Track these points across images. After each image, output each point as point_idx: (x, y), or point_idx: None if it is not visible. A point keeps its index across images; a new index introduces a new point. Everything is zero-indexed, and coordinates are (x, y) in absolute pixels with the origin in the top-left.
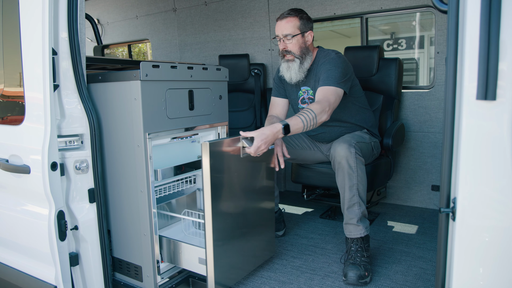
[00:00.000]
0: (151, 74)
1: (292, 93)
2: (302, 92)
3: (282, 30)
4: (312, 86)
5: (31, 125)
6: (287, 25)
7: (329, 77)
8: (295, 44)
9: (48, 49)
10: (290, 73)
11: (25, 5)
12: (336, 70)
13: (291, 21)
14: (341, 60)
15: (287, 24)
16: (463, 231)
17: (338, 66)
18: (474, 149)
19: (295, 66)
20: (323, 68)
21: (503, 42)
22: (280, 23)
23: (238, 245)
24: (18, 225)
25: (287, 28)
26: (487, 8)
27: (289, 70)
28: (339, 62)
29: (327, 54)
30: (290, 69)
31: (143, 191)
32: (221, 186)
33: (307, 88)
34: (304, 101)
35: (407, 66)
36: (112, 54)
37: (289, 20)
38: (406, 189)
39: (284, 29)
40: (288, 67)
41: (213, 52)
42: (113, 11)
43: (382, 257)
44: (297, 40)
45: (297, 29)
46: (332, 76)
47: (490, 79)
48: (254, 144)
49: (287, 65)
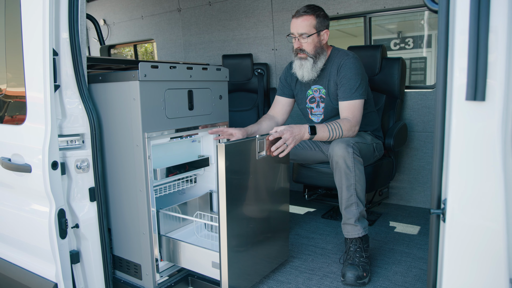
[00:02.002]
0: (150, 74)
1: (300, 92)
2: (313, 91)
3: (298, 29)
4: (326, 85)
5: (32, 125)
6: (303, 24)
7: (352, 88)
8: (310, 43)
9: (49, 50)
10: (302, 71)
11: (27, 6)
12: (357, 79)
13: (307, 20)
14: (359, 65)
15: (303, 23)
16: (452, 232)
17: (358, 73)
18: (464, 150)
19: (308, 65)
20: (343, 75)
21: (492, 43)
22: (296, 21)
23: (252, 249)
24: (20, 223)
25: (303, 27)
26: (476, 9)
27: (302, 68)
28: (358, 68)
29: (344, 55)
30: (302, 67)
31: (142, 190)
32: (236, 188)
33: (319, 87)
34: (313, 100)
35: (415, 65)
36: (119, 54)
37: (305, 18)
38: (409, 190)
39: (300, 28)
40: (301, 65)
41: (217, 51)
42: (119, 11)
43: (382, 258)
44: (312, 40)
45: (313, 28)
46: (355, 87)
47: (479, 79)
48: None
49: (300, 62)
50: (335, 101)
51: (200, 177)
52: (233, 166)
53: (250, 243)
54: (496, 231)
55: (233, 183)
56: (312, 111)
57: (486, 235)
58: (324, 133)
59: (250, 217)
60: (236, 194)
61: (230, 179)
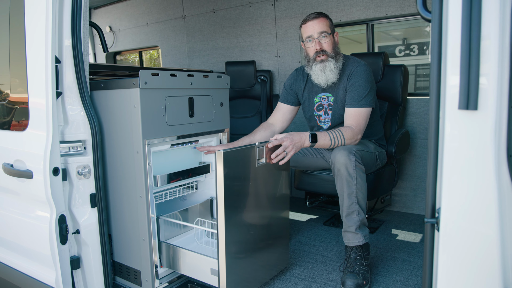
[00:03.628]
0: (151, 82)
1: (308, 100)
2: (320, 98)
3: (317, 28)
4: (334, 93)
5: (34, 131)
6: (321, 24)
7: (360, 96)
8: (330, 43)
9: (51, 57)
10: (325, 74)
11: (30, 15)
12: (367, 87)
13: (323, 21)
14: (370, 74)
15: (321, 23)
16: (446, 241)
17: (368, 81)
18: (457, 159)
19: (331, 66)
20: (353, 81)
21: (484, 52)
22: (313, 23)
23: (251, 256)
24: (21, 229)
25: (322, 26)
26: (467, 18)
27: (324, 71)
28: (369, 76)
29: (356, 62)
30: (325, 69)
31: (142, 197)
32: (235, 195)
33: (328, 95)
34: (320, 108)
35: (420, 71)
36: (125, 60)
37: (321, 20)
38: (412, 197)
39: (319, 27)
40: (323, 67)
41: (221, 58)
42: (124, 18)
43: (383, 266)
44: (331, 39)
45: (329, 28)
46: (363, 95)
47: (472, 88)
48: (283, 138)
49: (322, 65)
50: (342, 109)
51: (201, 184)
52: (232, 173)
53: (249, 250)
54: (490, 240)
55: (231, 190)
56: (320, 118)
57: (480, 244)
58: (325, 141)
59: (249, 224)
60: (235, 200)
61: (229, 186)
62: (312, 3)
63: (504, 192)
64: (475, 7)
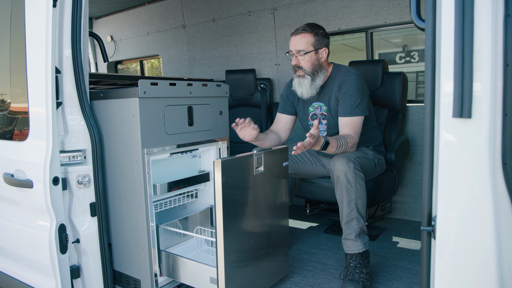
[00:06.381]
0: (150, 91)
1: (302, 109)
2: (314, 108)
3: (296, 46)
4: (327, 102)
5: (34, 141)
6: (301, 41)
7: (353, 105)
8: (307, 61)
9: (52, 67)
10: (301, 89)
11: (31, 26)
12: (358, 96)
13: (305, 37)
14: (361, 82)
15: (301, 40)
16: (443, 248)
17: (359, 90)
18: (452, 167)
19: (306, 83)
20: (345, 91)
21: (478, 60)
22: (294, 39)
23: (251, 265)
24: (21, 238)
25: (300, 44)
26: (460, 27)
27: (301, 86)
28: (360, 85)
29: (346, 72)
30: (301, 85)
31: (141, 206)
32: (234, 203)
33: (320, 104)
34: (314, 117)
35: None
36: (126, 69)
37: (303, 36)
38: (413, 204)
39: (298, 45)
40: (299, 83)
41: (221, 67)
42: (125, 28)
43: (384, 274)
44: (310, 57)
45: (311, 46)
46: (355, 104)
47: (465, 97)
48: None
49: (298, 80)
50: (336, 118)
51: (201, 192)
52: (230, 181)
53: (248, 259)
54: (487, 247)
55: (230, 198)
56: None
57: (476, 251)
58: (332, 149)
59: (248, 232)
60: (234, 209)
61: (227, 194)
62: (311, 11)
63: (499, 199)
64: (467, 15)
